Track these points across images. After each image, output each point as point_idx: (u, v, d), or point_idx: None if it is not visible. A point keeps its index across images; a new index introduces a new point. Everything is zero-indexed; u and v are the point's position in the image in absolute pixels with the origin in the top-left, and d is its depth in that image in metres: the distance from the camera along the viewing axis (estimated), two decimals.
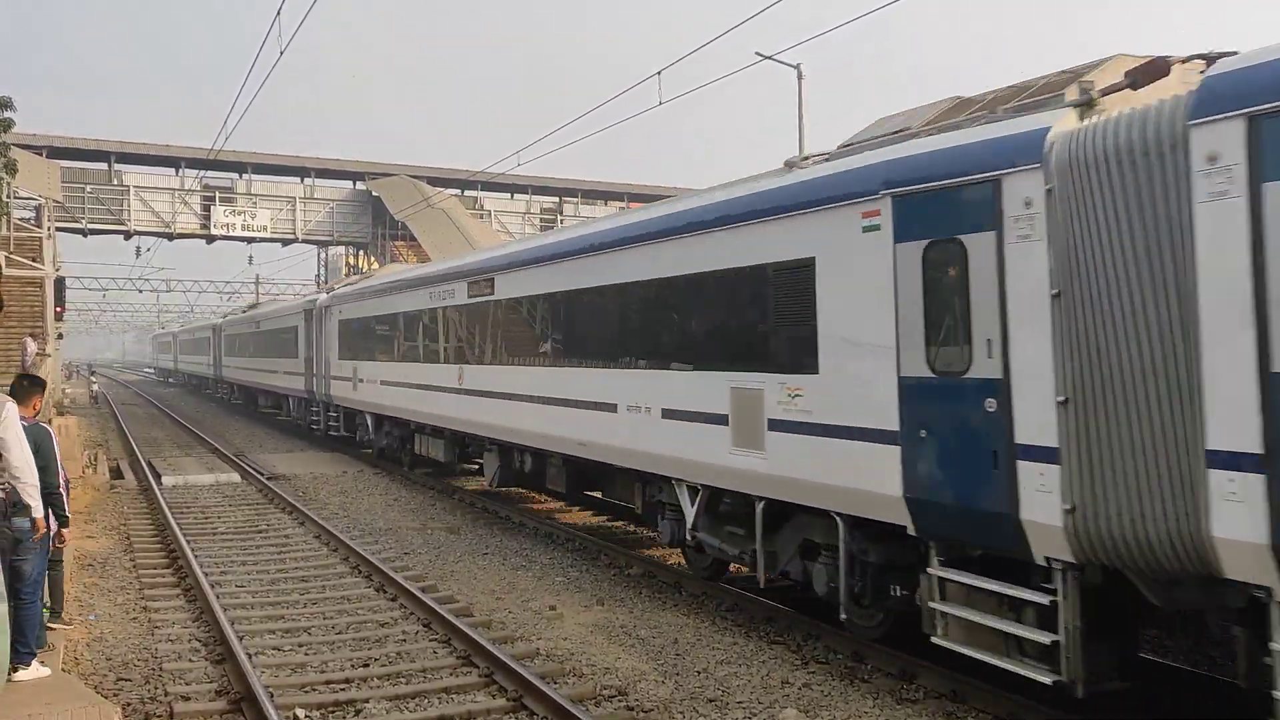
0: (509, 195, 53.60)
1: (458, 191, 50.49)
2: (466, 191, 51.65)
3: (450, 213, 44.53)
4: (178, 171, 47.16)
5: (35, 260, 29.65)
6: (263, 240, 50.24)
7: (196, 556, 12.12)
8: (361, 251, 53.82)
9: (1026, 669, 6.48)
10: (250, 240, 50.30)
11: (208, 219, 47.37)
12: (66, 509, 7.51)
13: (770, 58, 22.20)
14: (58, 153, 43.59)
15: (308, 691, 7.62)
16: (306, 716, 7.08)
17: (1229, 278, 5.31)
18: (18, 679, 6.43)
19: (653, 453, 10.41)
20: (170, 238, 47.41)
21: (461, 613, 9.75)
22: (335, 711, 7.23)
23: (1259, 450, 5.20)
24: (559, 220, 52.06)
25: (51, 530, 7.15)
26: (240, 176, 48.48)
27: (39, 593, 7.24)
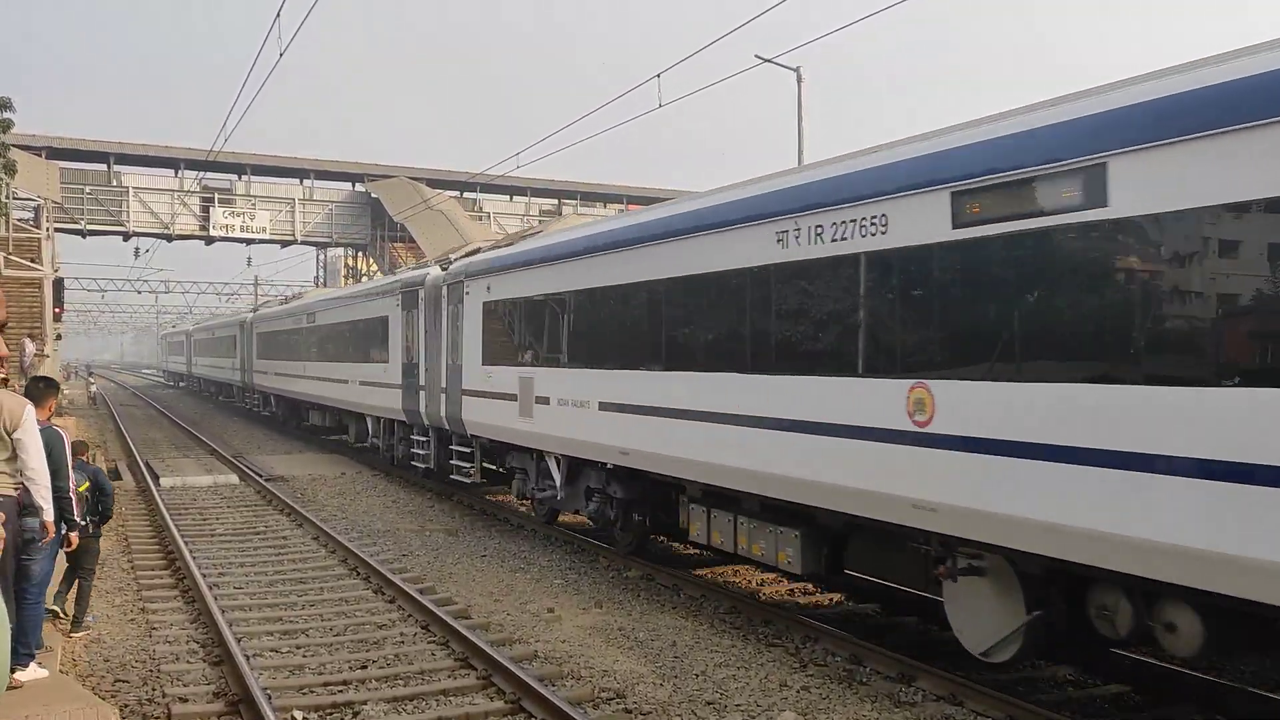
0: (508, 197, 53.59)
1: (457, 193, 50.47)
2: (465, 193, 51.65)
3: (449, 214, 44.51)
4: (177, 173, 47.13)
5: (34, 261, 29.65)
6: (262, 241, 50.17)
7: (194, 558, 12.11)
8: (360, 253, 53.82)
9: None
10: (249, 242, 50.23)
11: (207, 220, 47.31)
12: (76, 513, 7.52)
13: (770, 61, 22.21)
14: (57, 153, 43.57)
15: (306, 693, 7.61)
16: (304, 718, 7.07)
17: (447, 332, 14.55)
18: (16, 680, 6.42)
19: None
20: (169, 239, 47.36)
21: (460, 615, 9.74)
22: (333, 713, 7.22)
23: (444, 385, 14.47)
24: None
25: (60, 534, 7.17)
26: (239, 178, 48.45)
27: (43, 595, 7.24)
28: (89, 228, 45.05)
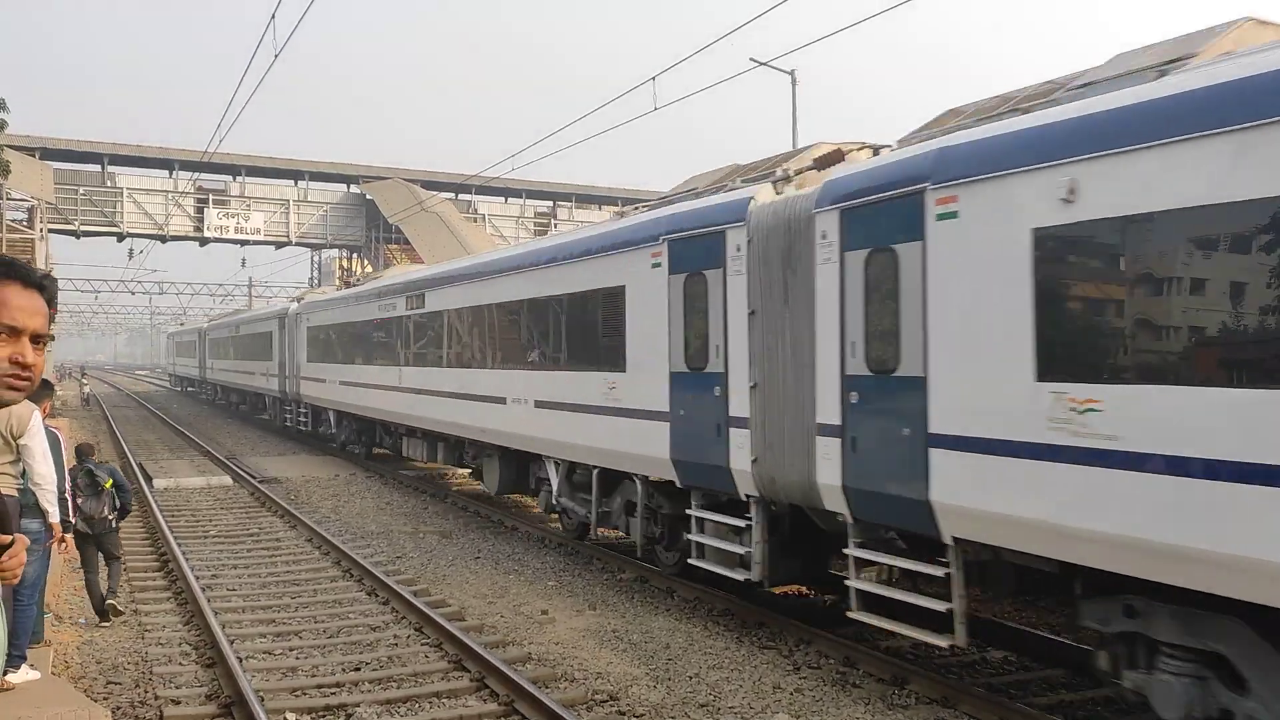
0: (503, 199, 53.59)
1: (452, 195, 50.46)
2: (460, 195, 51.64)
3: (444, 216, 44.49)
4: (171, 173, 47.05)
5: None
6: (256, 243, 50.07)
7: (187, 559, 12.09)
8: (355, 255, 53.76)
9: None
10: (243, 243, 50.12)
11: (201, 221, 47.24)
12: (71, 515, 7.54)
13: (765, 64, 22.24)
14: (51, 154, 43.44)
15: (298, 695, 7.60)
16: None
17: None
18: (7, 682, 6.40)
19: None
20: (163, 240, 47.23)
21: (453, 617, 9.74)
22: (326, 715, 7.22)
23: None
24: (553, 225, 52.06)
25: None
26: (234, 179, 48.37)
27: (35, 597, 7.24)
28: (83, 229, 44.93)
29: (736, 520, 9.30)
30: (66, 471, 7.53)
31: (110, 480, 9.69)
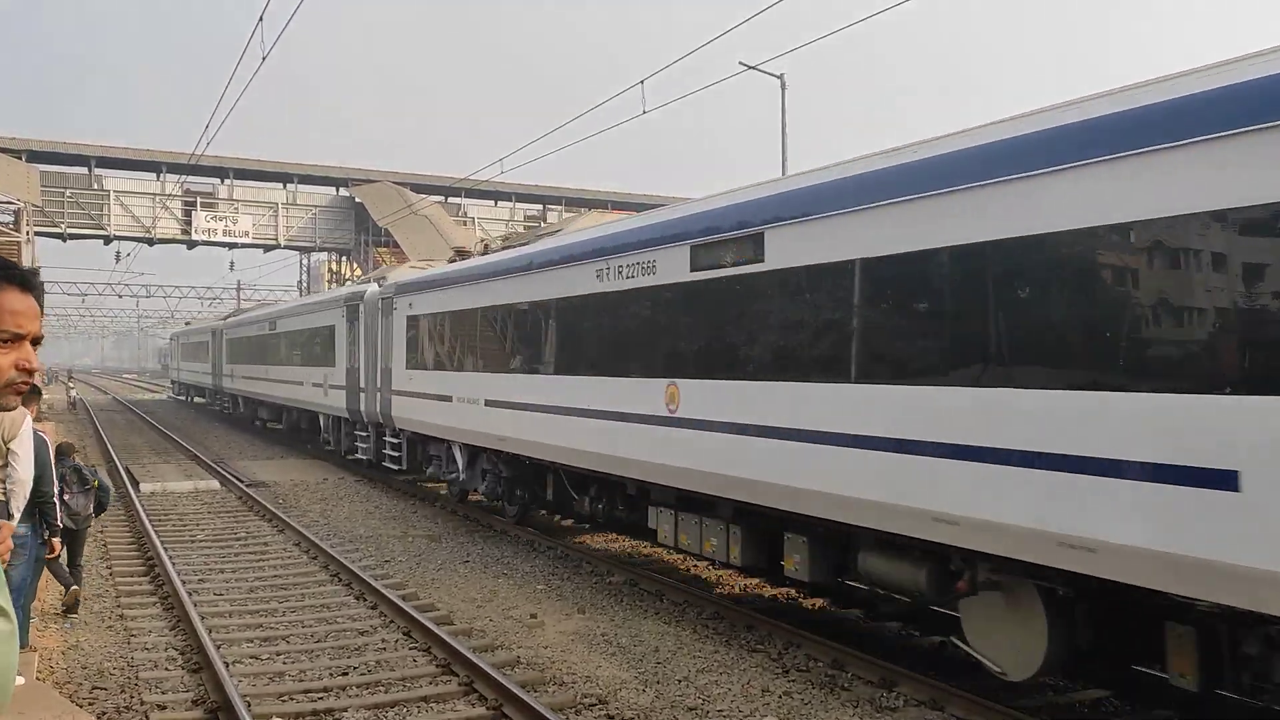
0: (493, 202, 53.54)
1: (441, 199, 50.40)
2: (450, 199, 51.57)
3: (434, 219, 44.43)
4: (159, 176, 46.86)
5: None
6: (244, 246, 49.91)
7: (174, 564, 12.02)
8: (344, 258, 53.62)
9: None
10: (232, 246, 49.94)
11: (189, 224, 47.05)
12: (58, 519, 7.49)
13: (754, 68, 22.28)
14: (37, 156, 43.22)
15: (285, 700, 7.56)
16: None
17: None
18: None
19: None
20: (150, 243, 47.04)
21: (441, 621, 9.70)
22: None
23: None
24: (541, 227, 51.96)
25: (42, 540, 7.15)
26: (222, 182, 48.20)
27: (21, 600, 7.19)
28: (69, 231, 44.70)
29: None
30: (55, 475, 7.50)
31: (96, 481, 10.16)
